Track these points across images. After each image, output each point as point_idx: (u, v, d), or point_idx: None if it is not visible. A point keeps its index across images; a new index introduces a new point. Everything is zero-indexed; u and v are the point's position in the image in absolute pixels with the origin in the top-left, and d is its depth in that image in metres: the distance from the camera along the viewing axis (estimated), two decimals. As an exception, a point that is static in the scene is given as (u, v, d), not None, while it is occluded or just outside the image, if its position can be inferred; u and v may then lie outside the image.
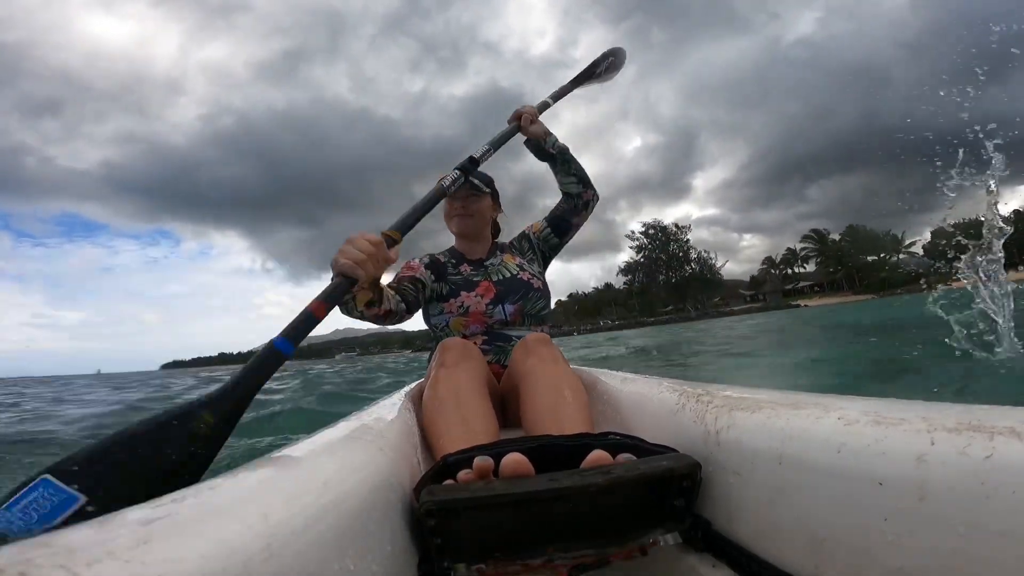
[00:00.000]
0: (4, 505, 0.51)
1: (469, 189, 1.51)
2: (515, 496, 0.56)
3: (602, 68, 1.77)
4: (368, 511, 0.51)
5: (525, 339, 1.19)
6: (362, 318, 1.22)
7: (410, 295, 1.37)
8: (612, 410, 1.08)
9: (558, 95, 1.64)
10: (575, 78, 1.75)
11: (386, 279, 1.26)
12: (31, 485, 0.52)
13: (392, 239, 1.01)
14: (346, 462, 0.55)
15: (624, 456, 0.63)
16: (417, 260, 1.54)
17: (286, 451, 0.55)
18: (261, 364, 0.78)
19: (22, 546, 0.24)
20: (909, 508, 0.38)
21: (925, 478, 0.37)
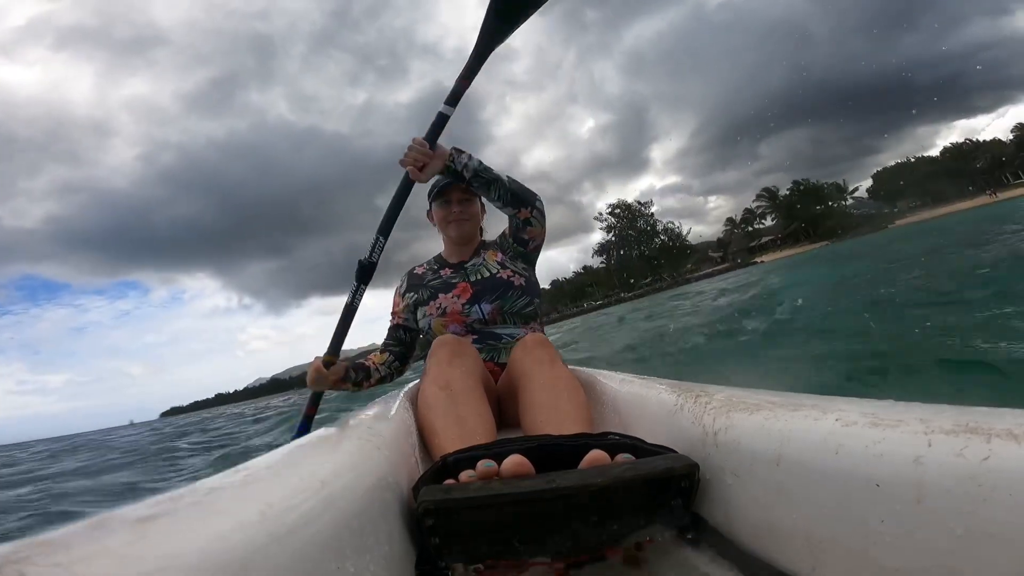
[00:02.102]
0: None
1: (464, 192, 1.52)
2: (514, 496, 0.56)
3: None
4: (366, 510, 0.51)
5: (524, 340, 1.19)
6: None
7: (398, 349, 1.53)
8: (611, 410, 1.08)
9: (455, 94, 1.28)
10: (471, 60, 1.30)
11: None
12: None
13: None
14: (344, 461, 0.55)
15: (623, 456, 0.63)
16: (399, 296, 1.59)
17: (284, 450, 0.55)
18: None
19: (19, 544, 0.24)
20: (906, 510, 0.38)
21: (922, 480, 0.37)
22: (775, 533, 0.51)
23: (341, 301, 1.29)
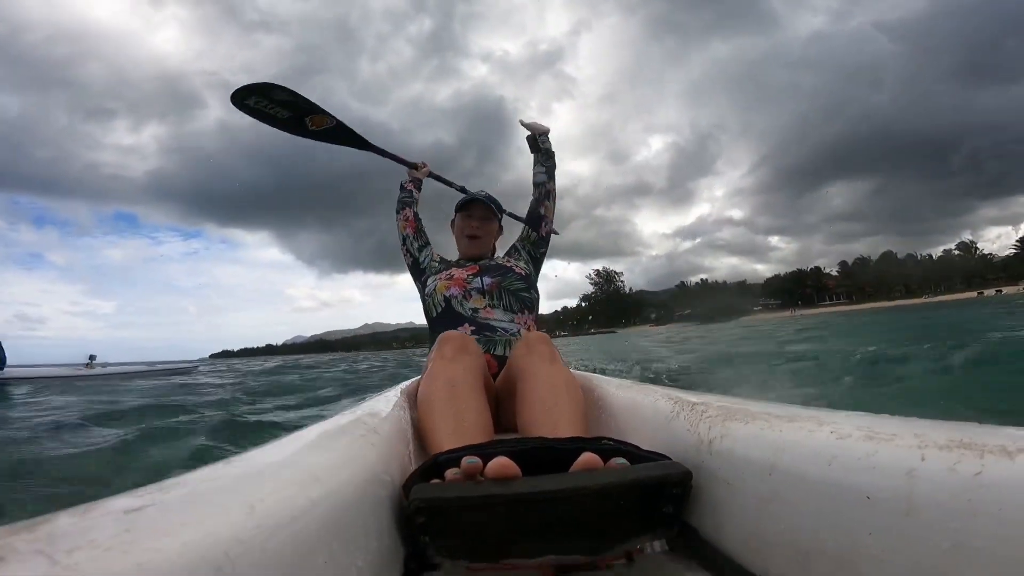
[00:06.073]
0: None
1: (486, 212, 1.71)
2: (504, 497, 0.56)
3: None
4: (356, 506, 0.51)
5: (527, 337, 1.20)
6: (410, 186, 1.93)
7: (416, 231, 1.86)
8: (606, 415, 1.08)
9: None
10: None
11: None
12: None
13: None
14: (336, 456, 0.55)
15: (616, 461, 0.63)
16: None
17: (275, 443, 0.55)
18: (364, 139, 1.99)
19: (3, 530, 0.24)
20: (895, 523, 0.38)
21: (913, 493, 0.37)
22: (764, 543, 0.51)
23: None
